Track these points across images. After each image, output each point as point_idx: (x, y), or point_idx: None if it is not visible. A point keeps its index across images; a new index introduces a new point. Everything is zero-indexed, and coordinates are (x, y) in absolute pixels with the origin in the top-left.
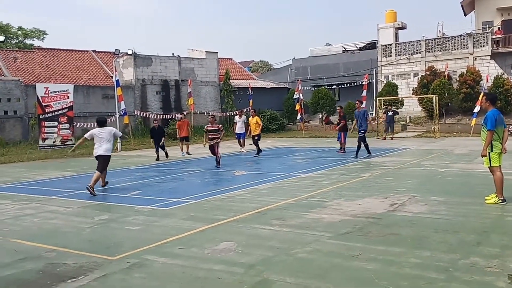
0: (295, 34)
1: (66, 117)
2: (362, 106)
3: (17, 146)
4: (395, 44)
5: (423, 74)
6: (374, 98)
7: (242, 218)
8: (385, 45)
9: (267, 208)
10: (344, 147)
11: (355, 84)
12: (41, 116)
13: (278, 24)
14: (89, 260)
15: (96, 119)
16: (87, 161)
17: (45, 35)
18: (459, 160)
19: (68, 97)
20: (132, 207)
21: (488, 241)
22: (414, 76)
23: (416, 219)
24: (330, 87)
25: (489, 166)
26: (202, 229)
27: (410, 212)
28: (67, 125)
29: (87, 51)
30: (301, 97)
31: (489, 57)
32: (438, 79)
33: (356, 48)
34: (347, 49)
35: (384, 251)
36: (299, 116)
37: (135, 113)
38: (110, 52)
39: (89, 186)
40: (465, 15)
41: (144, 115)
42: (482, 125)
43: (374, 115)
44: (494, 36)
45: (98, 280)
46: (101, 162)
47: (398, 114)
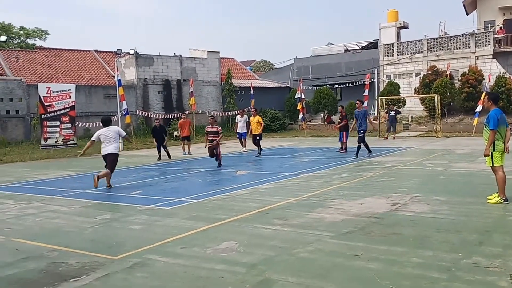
0: (295, 34)
1: (68, 117)
2: (363, 106)
3: (19, 146)
4: (397, 43)
5: (425, 74)
6: (376, 98)
7: (244, 218)
8: (387, 44)
9: (269, 208)
10: (346, 147)
11: (357, 84)
12: (43, 116)
13: (278, 24)
14: (91, 259)
15: (101, 119)
16: (89, 160)
17: (47, 35)
18: (461, 160)
19: (70, 97)
20: (134, 207)
21: (490, 241)
22: (416, 76)
23: (418, 219)
24: (332, 86)
25: (491, 165)
26: (204, 229)
27: (412, 211)
28: (69, 125)
29: (89, 51)
30: (303, 97)
31: (491, 57)
32: (440, 78)
33: (358, 48)
34: (349, 49)
35: (386, 250)
36: (300, 116)
37: (137, 113)
38: (112, 52)
39: (96, 175)
40: (467, 14)
41: (146, 115)
42: (484, 124)
43: (376, 114)
44: (496, 36)
45: (100, 279)
46: (110, 161)
47: (400, 114)
